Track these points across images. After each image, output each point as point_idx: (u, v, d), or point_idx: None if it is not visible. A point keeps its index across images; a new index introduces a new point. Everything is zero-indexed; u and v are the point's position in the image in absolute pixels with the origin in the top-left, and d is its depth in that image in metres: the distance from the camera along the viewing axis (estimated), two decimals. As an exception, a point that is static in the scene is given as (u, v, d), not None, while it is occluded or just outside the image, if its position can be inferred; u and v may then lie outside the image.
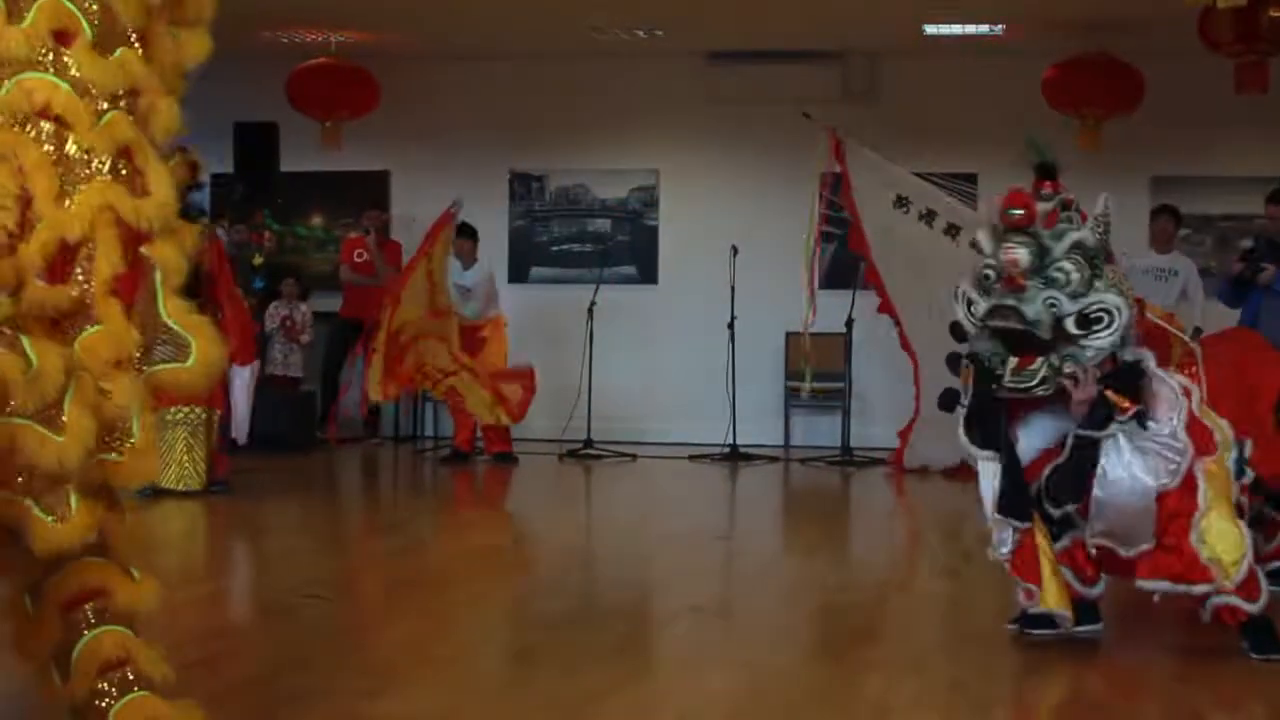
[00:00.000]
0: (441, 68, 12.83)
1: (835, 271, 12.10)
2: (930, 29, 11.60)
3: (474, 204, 12.58)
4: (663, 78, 12.57)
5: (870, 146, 11.05)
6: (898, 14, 11.10)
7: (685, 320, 12.55)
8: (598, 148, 12.91)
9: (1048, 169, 4.89)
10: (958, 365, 4.97)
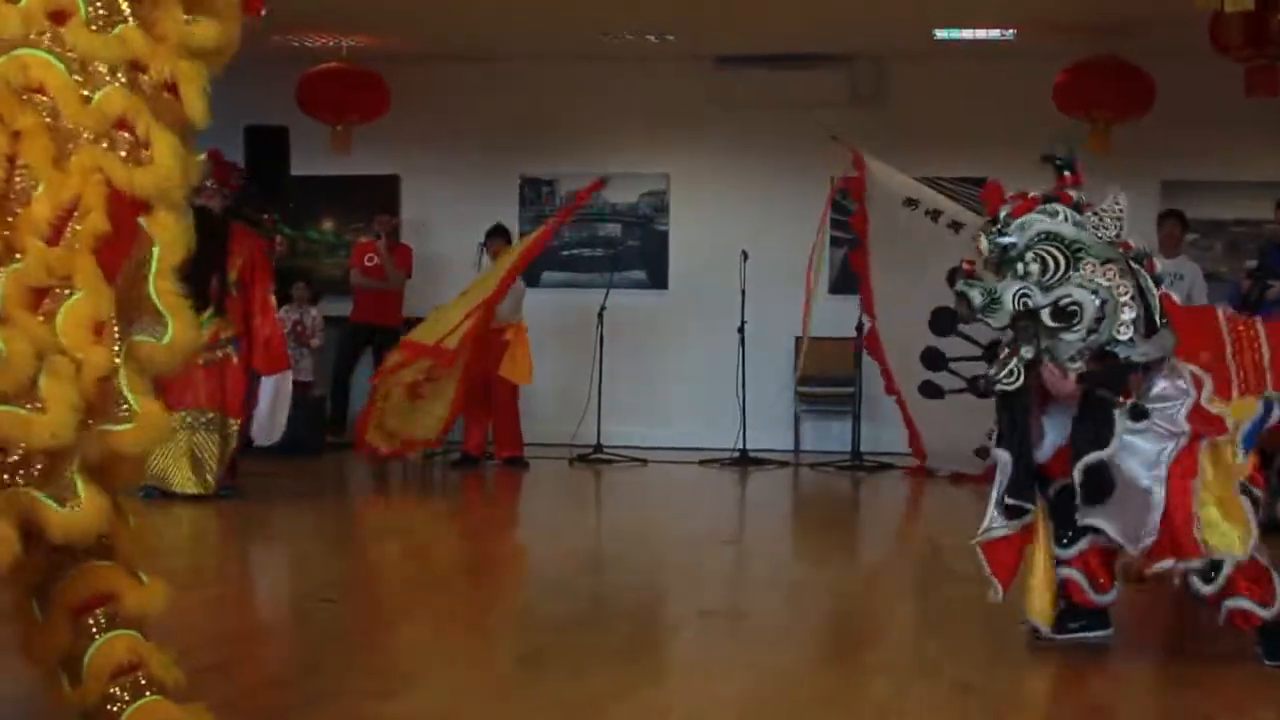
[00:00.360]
0: (452, 72, 12.85)
1: (845, 276, 12.12)
2: (940, 34, 11.60)
3: (484, 208, 12.63)
4: (672, 82, 12.59)
5: (879, 151, 11.06)
6: (907, 19, 11.11)
7: (695, 325, 12.56)
8: (607, 152, 12.92)
9: (1061, 163, 4.92)
10: (932, 361, 5.05)
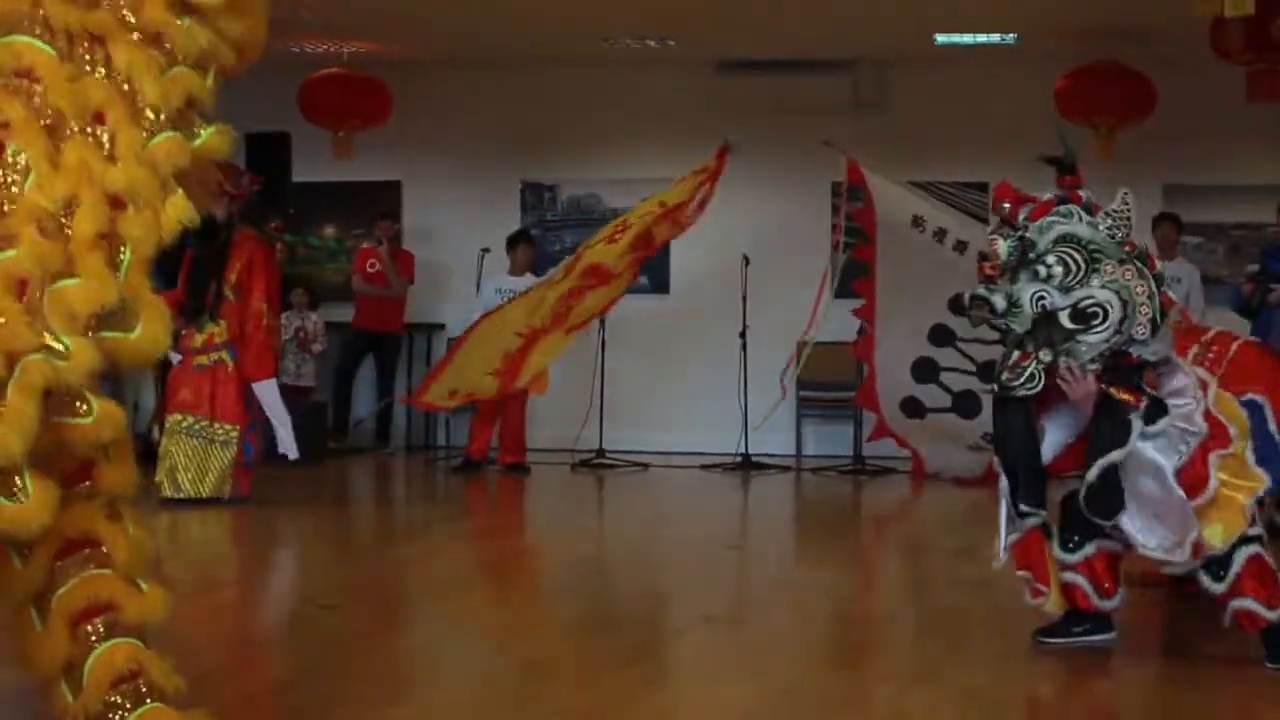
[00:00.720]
0: (453, 78, 12.86)
1: (848, 281, 12.13)
2: (941, 38, 11.61)
3: (486, 214, 12.64)
4: (673, 87, 12.58)
5: (881, 156, 11.09)
6: (909, 24, 11.11)
7: (697, 330, 12.56)
8: (609, 157, 12.93)
9: (1063, 164, 4.92)
10: (925, 372, 5.06)
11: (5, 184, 2.95)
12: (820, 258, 11.61)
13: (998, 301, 4.75)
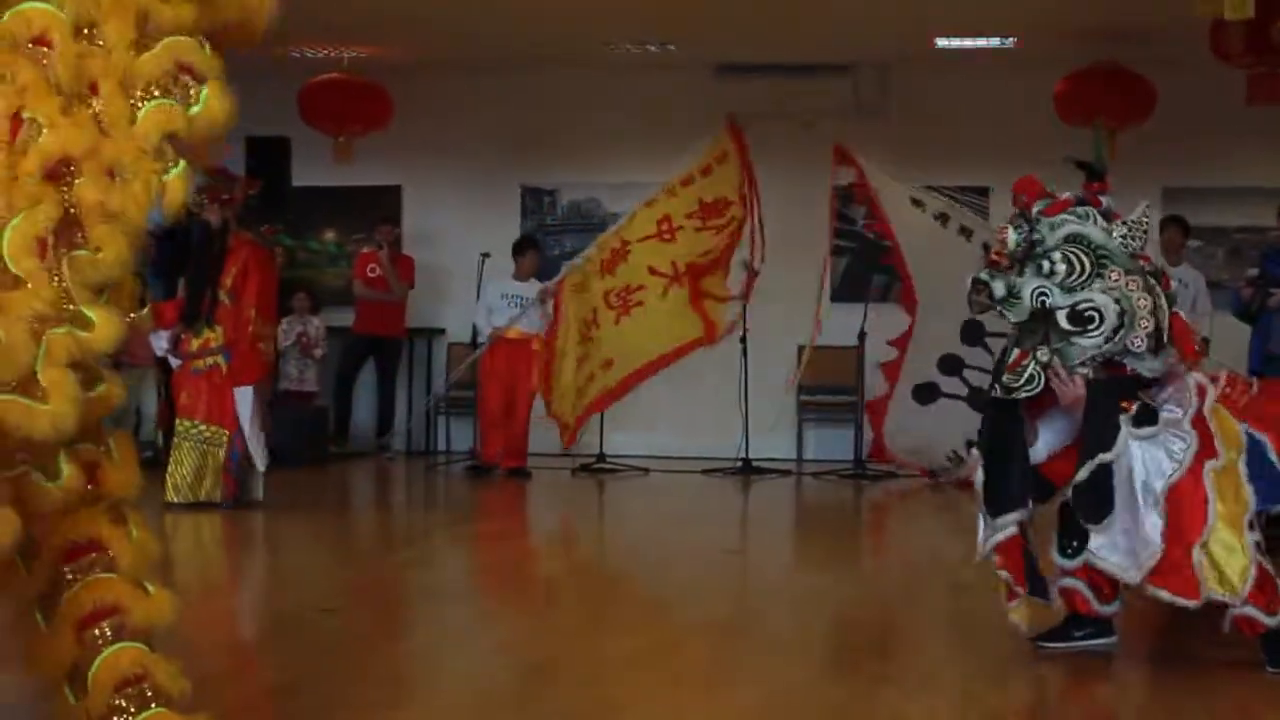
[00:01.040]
0: (453, 82, 12.87)
1: (847, 285, 12.14)
2: (941, 42, 11.61)
3: (486, 218, 12.64)
4: (673, 91, 12.58)
5: (881, 159, 11.07)
6: (908, 27, 11.12)
7: (698, 334, 12.54)
8: (609, 161, 12.93)
9: (1092, 170, 4.93)
10: (950, 366, 5.02)
11: (22, 148, 2.94)
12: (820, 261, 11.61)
13: (997, 288, 4.75)
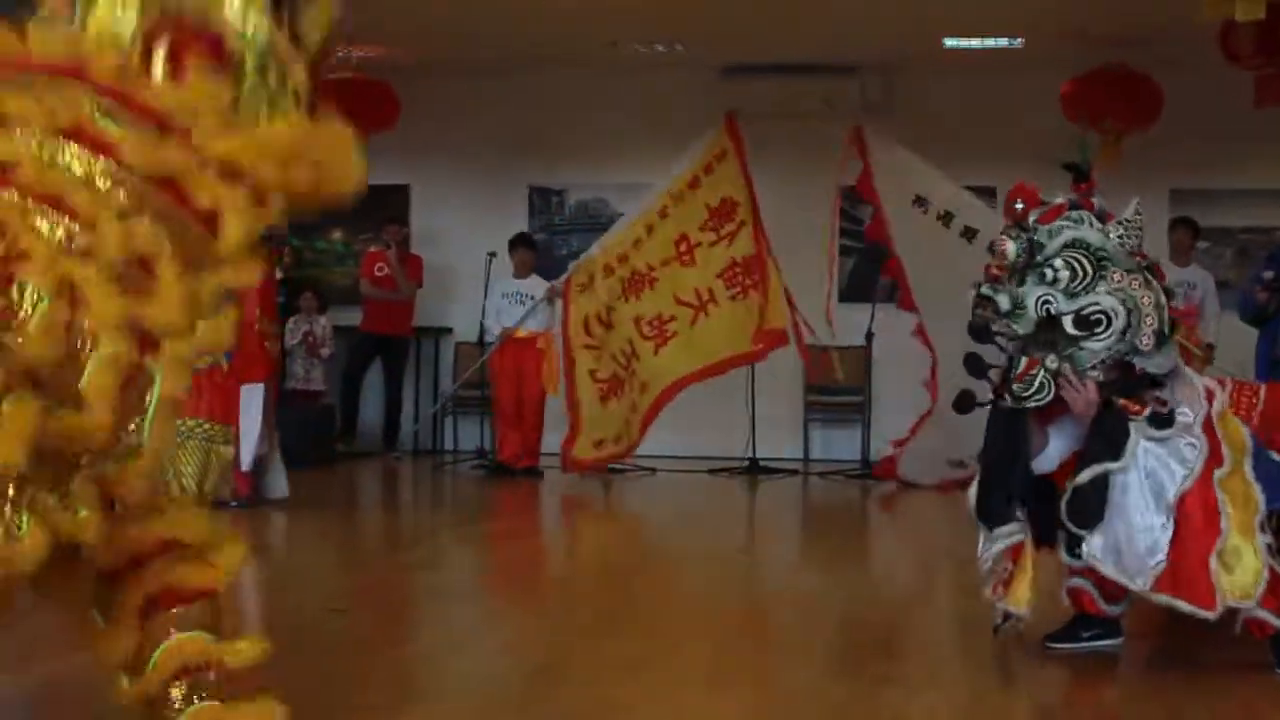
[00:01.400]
0: (461, 82, 12.87)
1: (855, 285, 12.14)
2: (949, 42, 11.61)
3: (494, 218, 12.64)
4: (679, 91, 12.58)
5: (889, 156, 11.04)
6: (916, 27, 11.11)
7: (704, 333, 12.53)
8: (617, 162, 12.94)
9: (1078, 171, 4.92)
10: (975, 367, 4.96)
11: None
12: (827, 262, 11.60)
13: (1002, 301, 4.75)
